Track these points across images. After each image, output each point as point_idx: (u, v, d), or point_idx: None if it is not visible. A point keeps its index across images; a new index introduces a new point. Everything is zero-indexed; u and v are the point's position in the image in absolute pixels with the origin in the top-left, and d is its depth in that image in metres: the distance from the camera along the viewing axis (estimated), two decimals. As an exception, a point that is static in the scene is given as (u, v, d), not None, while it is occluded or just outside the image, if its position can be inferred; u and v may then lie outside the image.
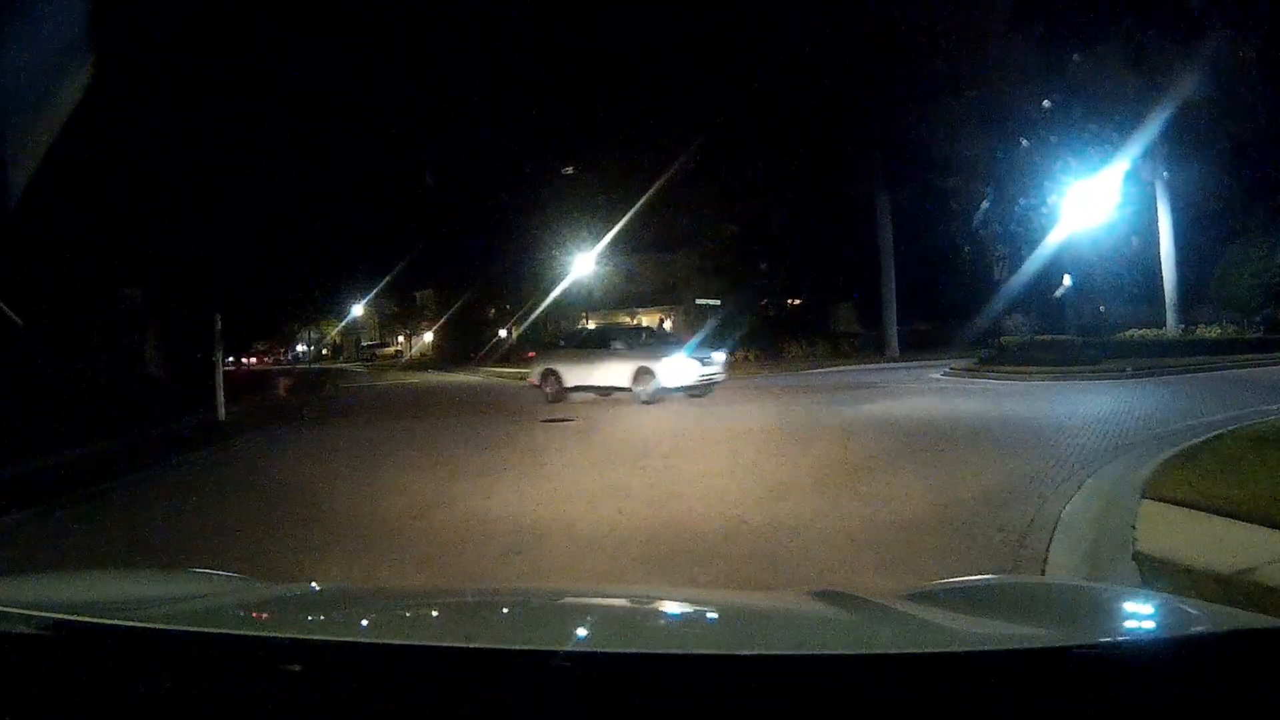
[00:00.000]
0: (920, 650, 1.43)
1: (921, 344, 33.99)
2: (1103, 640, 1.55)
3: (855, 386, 20.58)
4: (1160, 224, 22.91)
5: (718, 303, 36.84)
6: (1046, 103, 22.80)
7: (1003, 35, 23.62)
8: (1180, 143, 21.92)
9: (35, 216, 14.28)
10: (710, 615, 2.10)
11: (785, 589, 4.29)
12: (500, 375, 34.99)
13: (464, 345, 48.25)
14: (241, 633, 1.60)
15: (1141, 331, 23.27)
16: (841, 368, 30.00)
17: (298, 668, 1.28)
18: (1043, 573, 4.69)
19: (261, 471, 10.56)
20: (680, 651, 1.46)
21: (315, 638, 1.55)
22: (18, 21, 12.51)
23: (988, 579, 2.95)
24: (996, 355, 24.01)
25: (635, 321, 47.37)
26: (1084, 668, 1.22)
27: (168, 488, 9.51)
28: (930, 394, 17.50)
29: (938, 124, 26.17)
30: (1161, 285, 23.21)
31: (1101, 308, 24.14)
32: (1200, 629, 1.57)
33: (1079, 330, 25.31)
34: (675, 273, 43.23)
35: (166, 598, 2.00)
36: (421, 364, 50.30)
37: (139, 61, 17.57)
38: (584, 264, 37.47)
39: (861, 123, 31.62)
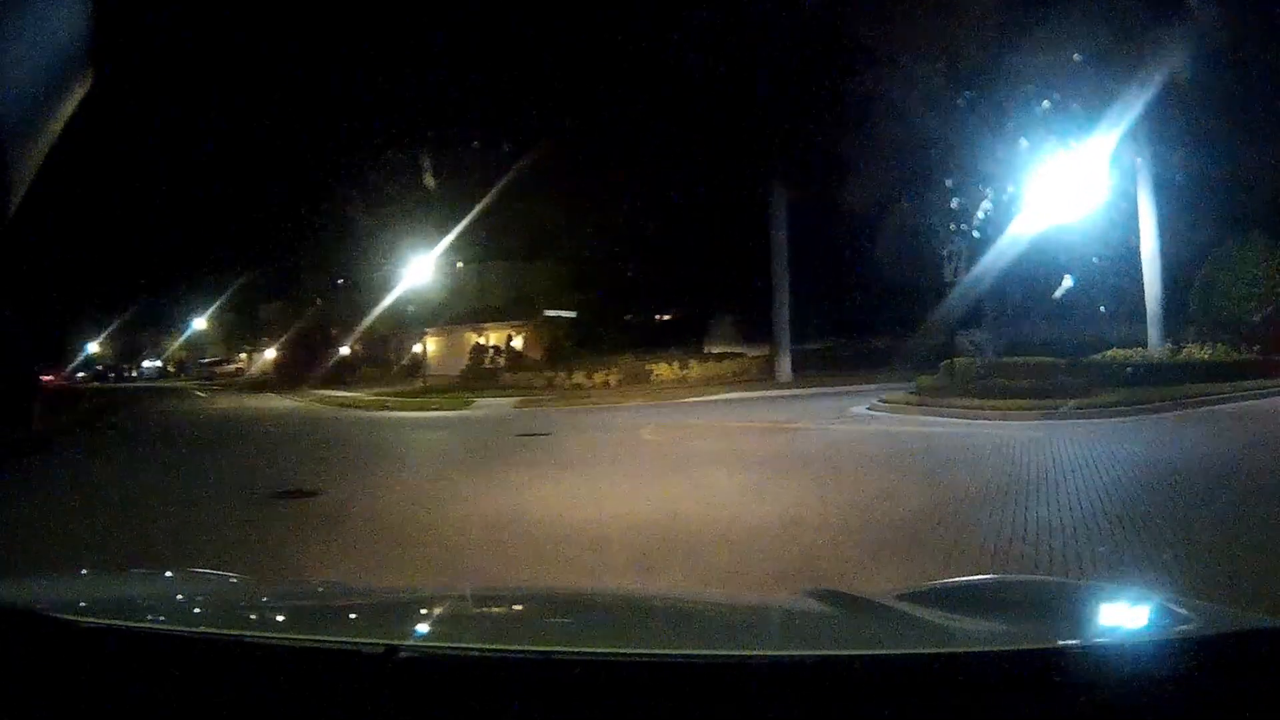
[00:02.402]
0: (917, 650, 1.42)
1: (826, 365, 28.70)
2: (1097, 640, 1.55)
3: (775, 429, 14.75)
4: (1142, 217, 18.19)
5: (572, 314, 31.30)
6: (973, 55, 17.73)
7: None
8: (1163, 117, 17.26)
9: None
10: (707, 616, 2.09)
11: (783, 589, 4.16)
12: (325, 401, 29.91)
13: (305, 363, 43.24)
14: (242, 634, 1.54)
15: (1125, 352, 18.23)
16: (722, 395, 24.43)
17: (298, 668, 1.28)
18: None
19: None
20: (678, 653, 1.41)
21: (316, 638, 1.51)
22: None
23: (985, 579, 2.74)
24: (944, 382, 18.03)
25: (483, 338, 41.24)
26: (1079, 667, 1.21)
27: None
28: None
29: (852, 89, 20.95)
30: (1143, 294, 18.51)
31: (1098, 313, 19.46)
32: (1194, 629, 1.53)
33: (1009, 349, 20.49)
34: (532, 284, 38.66)
35: (168, 598, 1.97)
36: (261, 383, 45.41)
37: None
38: (425, 274, 33.04)
39: (751, 103, 26.23)
